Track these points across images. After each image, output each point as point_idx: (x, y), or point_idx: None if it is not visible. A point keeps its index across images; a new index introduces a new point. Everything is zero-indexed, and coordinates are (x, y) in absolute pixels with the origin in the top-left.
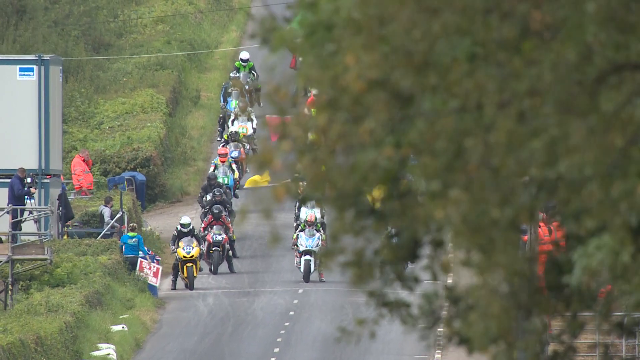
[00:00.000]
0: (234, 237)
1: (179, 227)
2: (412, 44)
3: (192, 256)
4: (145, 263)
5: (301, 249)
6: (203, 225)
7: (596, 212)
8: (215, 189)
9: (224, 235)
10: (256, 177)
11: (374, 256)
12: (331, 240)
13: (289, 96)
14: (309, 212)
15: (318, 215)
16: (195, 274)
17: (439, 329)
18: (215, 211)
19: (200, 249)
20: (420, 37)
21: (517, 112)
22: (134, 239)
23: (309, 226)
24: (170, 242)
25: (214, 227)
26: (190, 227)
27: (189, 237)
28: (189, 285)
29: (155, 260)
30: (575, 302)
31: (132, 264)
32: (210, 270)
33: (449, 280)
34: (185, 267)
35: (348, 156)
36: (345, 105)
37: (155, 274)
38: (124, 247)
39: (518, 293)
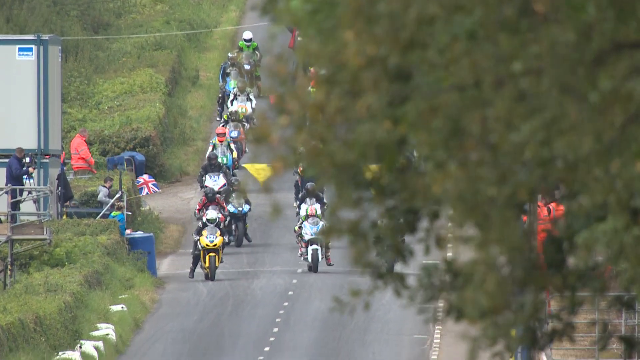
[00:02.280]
0: (247, 226)
1: (204, 220)
2: (409, 22)
3: (215, 245)
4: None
5: (306, 238)
6: (198, 206)
7: (594, 190)
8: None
9: (220, 215)
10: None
11: (371, 228)
12: (330, 217)
13: (288, 71)
14: (309, 207)
15: (318, 210)
16: (217, 264)
17: (438, 303)
18: (209, 194)
19: (224, 240)
20: (417, 15)
21: (515, 90)
22: (115, 218)
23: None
24: (194, 233)
25: (209, 207)
26: (217, 220)
27: (213, 226)
28: (210, 276)
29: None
30: (573, 279)
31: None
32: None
33: (449, 254)
34: (207, 256)
35: (346, 131)
36: (343, 81)
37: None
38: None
39: (514, 269)
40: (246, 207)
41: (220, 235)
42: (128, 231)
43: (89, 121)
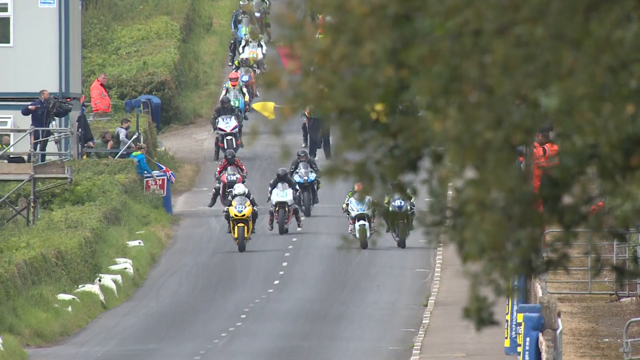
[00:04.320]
0: (319, 186)
1: (233, 193)
2: None
3: (243, 215)
4: (150, 181)
5: (353, 214)
6: (218, 169)
7: (587, 131)
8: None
9: (238, 175)
10: (263, 105)
11: (376, 167)
12: (334, 157)
13: (297, 19)
14: (357, 183)
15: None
16: (246, 235)
17: (443, 228)
18: (229, 156)
19: (254, 210)
20: None
21: (512, 37)
22: (133, 157)
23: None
24: (224, 203)
25: (228, 168)
26: (246, 192)
27: (242, 197)
28: (239, 247)
29: (171, 177)
30: (569, 218)
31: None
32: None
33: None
34: (236, 227)
35: (350, 76)
36: (348, 28)
37: (161, 186)
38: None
39: (511, 208)
40: (312, 176)
41: (249, 205)
42: (155, 172)
43: (108, 66)
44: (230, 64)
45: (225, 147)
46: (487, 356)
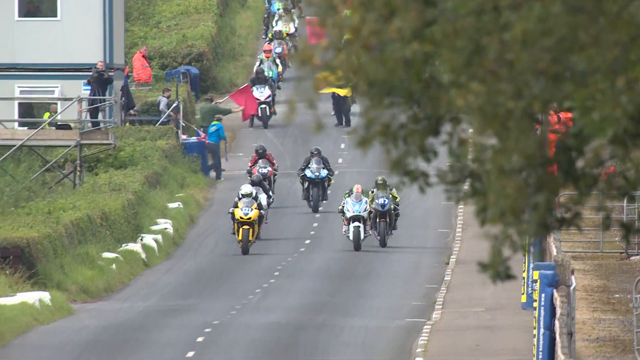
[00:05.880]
0: (331, 182)
1: (240, 195)
2: None
3: (249, 218)
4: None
5: (348, 215)
6: (250, 163)
7: (600, 103)
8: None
9: (269, 168)
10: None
11: (399, 129)
12: (361, 119)
13: None
14: (355, 185)
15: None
16: (250, 238)
17: (463, 186)
18: (260, 150)
19: (260, 213)
20: None
21: (530, 13)
22: (214, 127)
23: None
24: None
25: (260, 161)
26: (253, 195)
27: (250, 199)
28: (243, 250)
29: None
30: (584, 183)
31: (211, 150)
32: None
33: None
34: (241, 229)
35: (379, 51)
36: (376, 6)
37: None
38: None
39: (529, 174)
40: (324, 173)
41: (256, 208)
42: (183, 137)
43: (149, 39)
44: (264, 36)
45: (259, 115)
46: (505, 311)
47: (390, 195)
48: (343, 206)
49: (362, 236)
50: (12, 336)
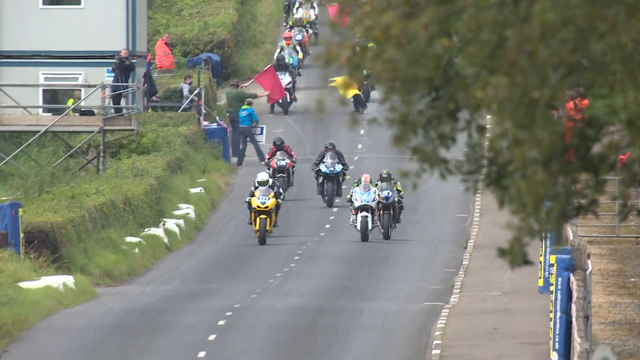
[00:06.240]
0: (345, 177)
1: (255, 184)
2: None
3: (266, 207)
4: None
5: (356, 204)
6: (267, 155)
7: (619, 89)
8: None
9: (288, 160)
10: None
11: (418, 115)
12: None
13: None
14: (364, 175)
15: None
16: (268, 228)
17: (480, 175)
18: (278, 142)
19: (277, 201)
20: None
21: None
22: (245, 112)
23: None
24: (248, 196)
25: (277, 153)
26: (270, 182)
27: (267, 187)
28: (260, 240)
29: (229, 129)
30: (600, 168)
31: (243, 134)
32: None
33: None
34: (258, 218)
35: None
36: (397, 5)
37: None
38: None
39: (550, 164)
40: (338, 167)
41: (273, 197)
42: (205, 123)
43: (172, 26)
44: (284, 24)
45: (280, 101)
46: (522, 294)
47: (395, 188)
48: (351, 195)
49: (369, 226)
50: (37, 319)
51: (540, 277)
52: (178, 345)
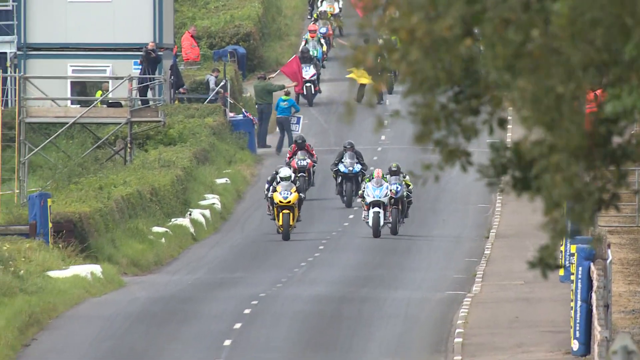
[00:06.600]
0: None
1: (277, 179)
2: None
3: (289, 202)
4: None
5: (368, 200)
6: (288, 154)
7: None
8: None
9: (308, 160)
10: (358, 74)
11: (441, 109)
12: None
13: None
14: (376, 170)
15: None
16: (291, 223)
17: (504, 178)
18: (299, 141)
19: (300, 196)
20: None
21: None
22: (285, 102)
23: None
24: (266, 184)
25: (299, 153)
26: (292, 177)
27: (289, 182)
28: (284, 235)
29: (255, 121)
30: (620, 157)
31: (280, 123)
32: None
33: (509, 135)
34: (281, 214)
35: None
36: (421, 5)
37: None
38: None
39: (577, 155)
40: (357, 167)
41: (295, 191)
42: (231, 114)
43: (198, 19)
44: (309, 17)
45: (305, 93)
46: (543, 283)
47: (403, 182)
48: (364, 191)
49: (381, 222)
50: (65, 308)
51: (561, 267)
52: (204, 334)
